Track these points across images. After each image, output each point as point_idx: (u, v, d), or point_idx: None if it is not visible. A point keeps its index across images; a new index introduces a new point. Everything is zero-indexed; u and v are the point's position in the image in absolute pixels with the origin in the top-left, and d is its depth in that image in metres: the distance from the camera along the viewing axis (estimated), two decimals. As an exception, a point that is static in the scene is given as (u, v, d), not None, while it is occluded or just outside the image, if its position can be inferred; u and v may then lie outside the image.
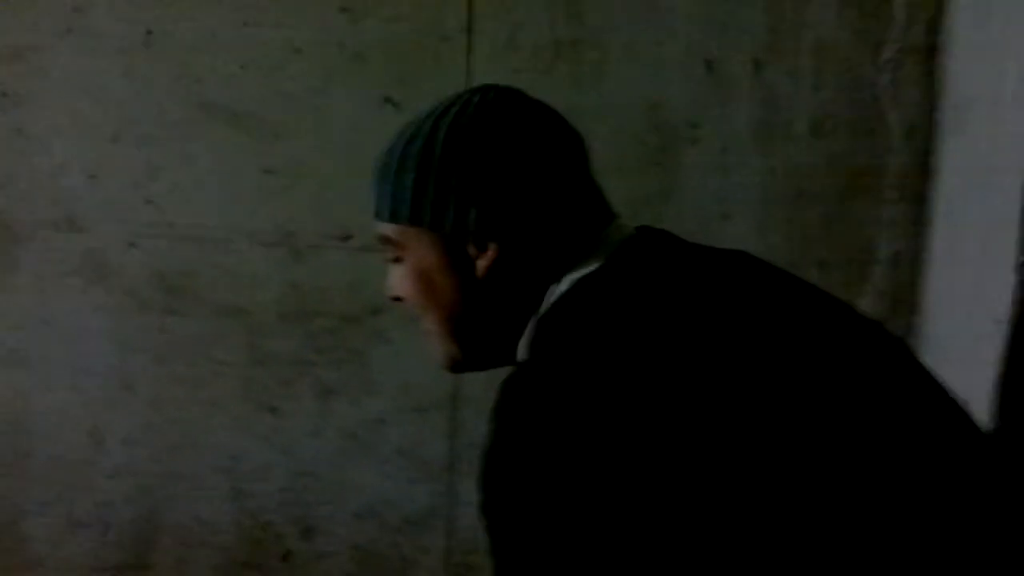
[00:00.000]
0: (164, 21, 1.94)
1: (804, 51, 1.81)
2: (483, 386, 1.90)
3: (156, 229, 2.00)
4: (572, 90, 1.85)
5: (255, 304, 1.99)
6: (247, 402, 2.00)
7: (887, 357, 0.89)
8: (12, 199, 2.02)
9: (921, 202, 1.81)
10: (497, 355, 1.01)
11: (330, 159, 1.94)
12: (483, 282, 0.95)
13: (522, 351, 0.97)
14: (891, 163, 1.81)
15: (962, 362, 1.51)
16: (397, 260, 1.00)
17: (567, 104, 1.82)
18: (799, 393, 0.81)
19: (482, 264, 0.95)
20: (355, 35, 1.91)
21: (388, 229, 0.99)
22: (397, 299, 1.01)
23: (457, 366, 1.02)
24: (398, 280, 1.00)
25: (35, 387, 2.04)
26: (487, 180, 0.93)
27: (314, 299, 1.97)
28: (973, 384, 1.38)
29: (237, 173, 1.96)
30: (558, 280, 0.94)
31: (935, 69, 1.79)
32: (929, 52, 1.79)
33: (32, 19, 1.97)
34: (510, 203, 0.93)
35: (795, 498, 0.76)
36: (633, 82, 1.84)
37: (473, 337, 0.99)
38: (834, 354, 0.86)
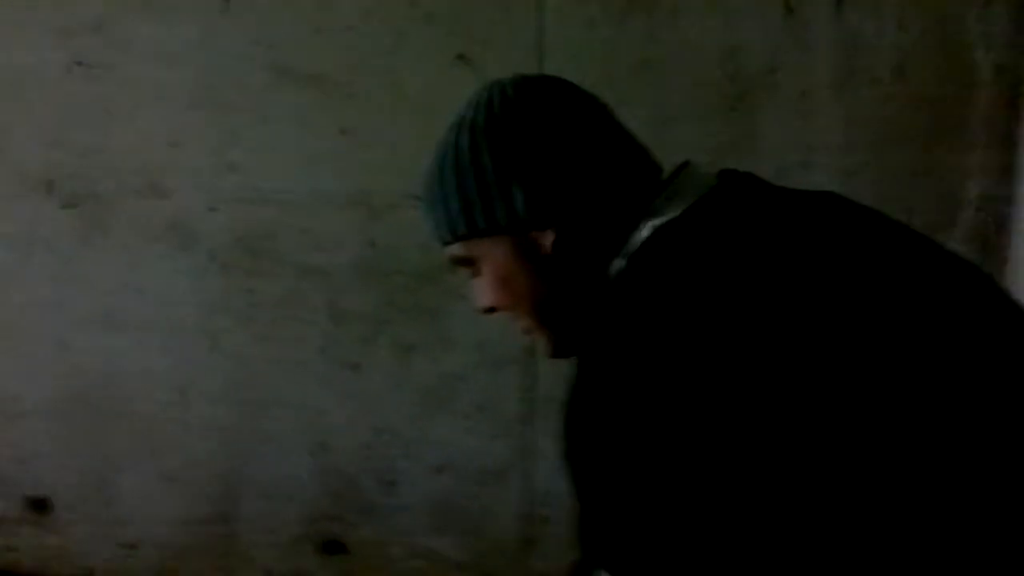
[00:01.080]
0: (240, -13, 1.98)
1: (886, -10, 1.75)
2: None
3: (237, 193, 2.04)
4: (647, 40, 1.83)
5: (334, 264, 2.02)
6: (328, 360, 2.04)
7: (981, 296, 0.87)
8: (99, 169, 2.09)
9: (1010, 145, 1.75)
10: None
11: (404, 118, 1.95)
12: (554, 260, 0.95)
13: (605, 300, 0.97)
14: (979, 105, 1.75)
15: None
16: (476, 274, 1.01)
17: (642, 54, 1.83)
18: (890, 336, 0.79)
19: (547, 244, 0.95)
20: (426, -7, 1.91)
21: (454, 249, 1.00)
22: (490, 310, 1.02)
23: (562, 350, 1.02)
24: (483, 292, 1.01)
25: (126, 348, 2.12)
26: (520, 162, 0.93)
27: (391, 258, 2.00)
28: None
29: (314, 135, 2.00)
30: (632, 233, 0.93)
31: (1025, 6, 1.71)
32: (1018, -12, 1.72)
33: (113, -10, 2.02)
34: (551, 174, 0.93)
35: (885, 447, 0.75)
36: (709, 29, 1.82)
37: (563, 316, 0.99)
38: (928, 296, 0.84)
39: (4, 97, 2.10)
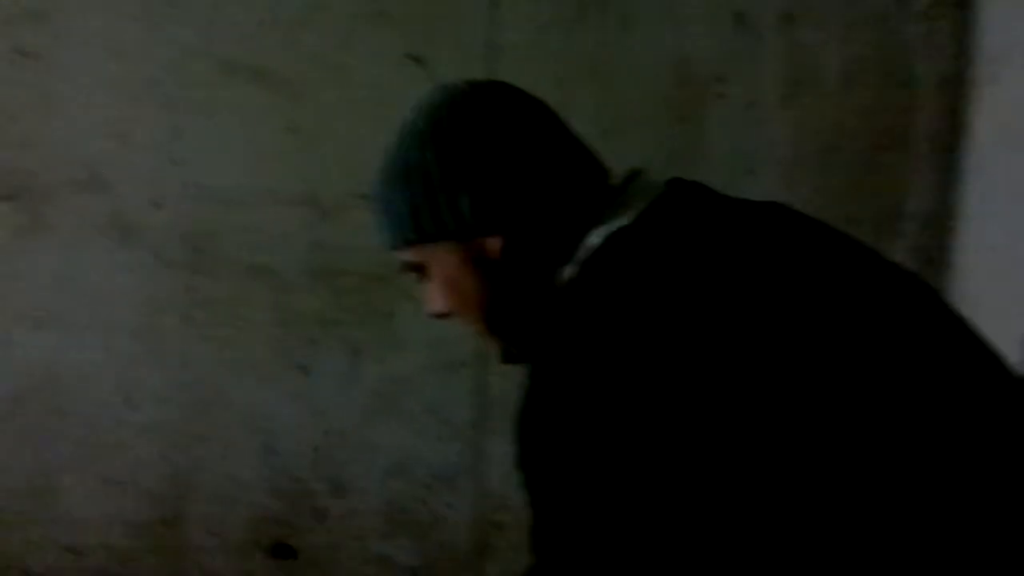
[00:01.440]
0: (186, -21, 1.93)
1: (833, 3, 1.79)
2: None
3: (181, 189, 2.01)
4: (598, 45, 1.84)
5: (281, 264, 2.00)
6: (276, 361, 2.03)
7: (922, 306, 0.89)
8: (38, 160, 2.03)
9: (953, 156, 1.79)
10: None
11: (354, 117, 1.94)
12: (502, 266, 0.96)
13: (557, 306, 0.97)
14: (922, 117, 1.79)
15: (995, 317, 1.50)
16: (425, 279, 1.01)
17: (593, 59, 1.84)
18: (831, 344, 0.81)
19: (494, 250, 0.95)
20: (378, -10, 1.89)
21: (404, 255, 1.01)
22: (440, 315, 1.03)
23: (511, 356, 1.03)
24: (432, 297, 1.01)
25: (65, 347, 2.07)
26: (467, 168, 0.94)
27: (340, 258, 1.99)
28: (1006, 339, 1.37)
29: (261, 132, 1.97)
30: (581, 241, 0.93)
31: (967, 20, 1.76)
32: (961, 3, 1.76)
33: (54, -22, 1.96)
34: (498, 180, 0.94)
35: (825, 450, 0.77)
36: (660, 37, 1.83)
37: (513, 322, 1.00)
38: (870, 305, 0.86)
39: (-61, 86, 2.03)
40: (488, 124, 0.95)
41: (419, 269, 1.01)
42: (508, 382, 1.96)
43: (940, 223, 1.81)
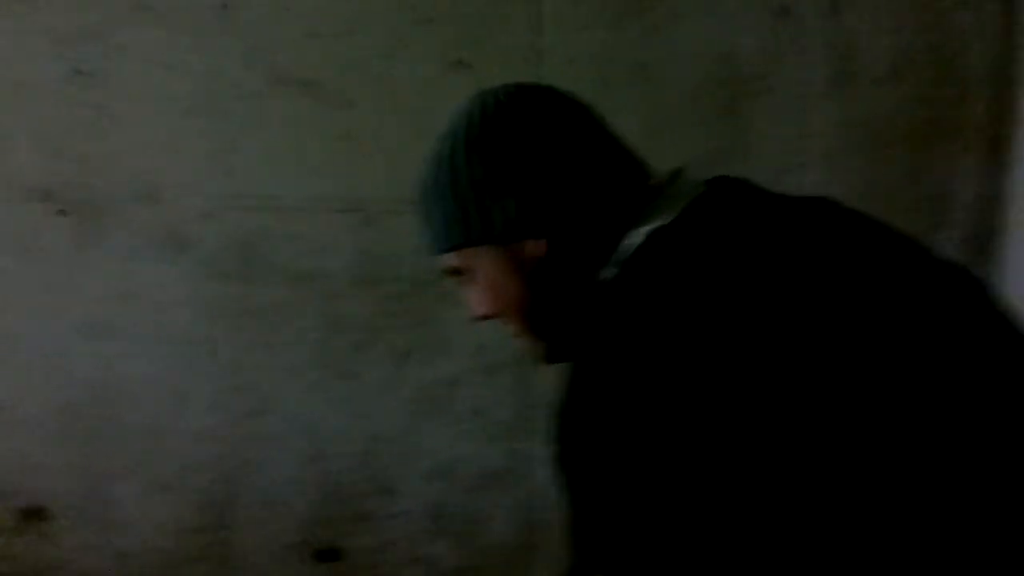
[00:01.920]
0: (236, -6, 1.99)
1: (881, -7, 1.77)
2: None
3: (232, 200, 2.05)
4: (642, 43, 1.86)
5: (328, 270, 2.03)
6: (323, 367, 2.05)
7: (969, 301, 0.88)
8: (95, 175, 2.10)
9: (1003, 147, 1.76)
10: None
11: (400, 124, 1.97)
12: (545, 268, 0.97)
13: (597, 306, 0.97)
14: (972, 107, 1.76)
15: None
16: (469, 282, 1.03)
17: (637, 58, 1.85)
18: (879, 343, 0.80)
19: (538, 252, 0.96)
20: (423, -1, 1.93)
21: (448, 259, 1.03)
22: (484, 317, 1.05)
23: (552, 356, 1.04)
24: (476, 300, 1.03)
25: (120, 356, 2.12)
26: (513, 172, 0.95)
27: (386, 264, 2.01)
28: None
29: (310, 141, 2.01)
30: (622, 241, 0.93)
31: (1017, 7, 1.73)
32: (1011, -10, 1.73)
33: (109, -2, 2.03)
34: (542, 185, 0.95)
35: (875, 453, 0.75)
36: (704, 33, 1.84)
37: (554, 324, 1.00)
38: (916, 300, 0.85)
39: (1, 105, 2.11)
40: (531, 128, 0.96)
41: (463, 273, 1.02)
42: (551, 384, 1.96)
43: (989, 212, 1.77)
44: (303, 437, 2.07)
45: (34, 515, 2.19)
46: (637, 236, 0.92)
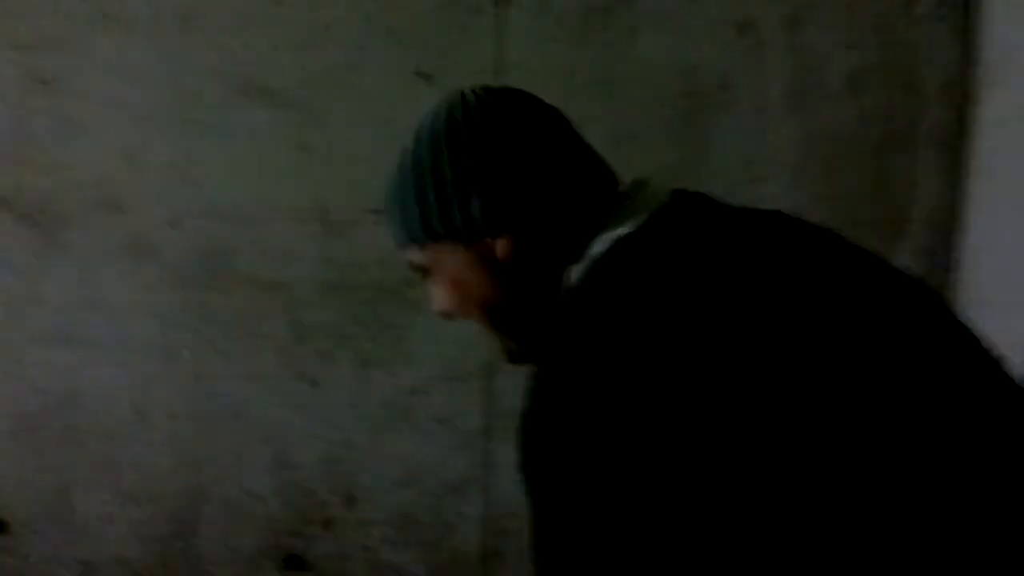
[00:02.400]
0: (199, 4, 2.01)
1: (837, 8, 1.81)
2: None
3: (196, 208, 2.05)
4: (604, 57, 1.88)
5: (293, 279, 2.04)
6: (287, 375, 2.06)
7: (927, 314, 0.90)
8: (57, 183, 2.09)
9: (958, 158, 1.80)
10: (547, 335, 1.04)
11: (363, 134, 1.98)
12: (509, 267, 0.98)
13: (560, 312, 0.99)
14: (927, 120, 1.80)
15: (1001, 317, 1.50)
16: (432, 278, 1.04)
17: (599, 72, 1.88)
18: (835, 352, 0.82)
19: (502, 251, 0.98)
20: (385, 10, 1.95)
21: (412, 254, 1.03)
22: (446, 315, 1.05)
23: (515, 356, 1.05)
24: (439, 297, 1.04)
25: (83, 364, 2.12)
26: (479, 170, 0.96)
27: (350, 273, 2.02)
28: (1012, 339, 1.37)
29: (273, 151, 2.02)
30: (586, 247, 0.95)
31: (971, 23, 1.77)
32: (965, 6, 1.78)
33: (70, 6, 2.04)
34: (509, 183, 0.96)
35: (826, 457, 0.77)
36: (665, 47, 1.87)
37: (517, 323, 1.02)
38: (873, 313, 0.87)
39: (-40, 113, 2.10)
40: (500, 128, 0.97)
41: (426, 268, 1.03)
42: (516, 393, 1.98)
43: (946, 225, 1.82)
44: (267, 445, 2.08)
45: (-5, 526, 2.19)
46: (602, 243, 0.94)
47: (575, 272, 0.96)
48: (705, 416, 0.77)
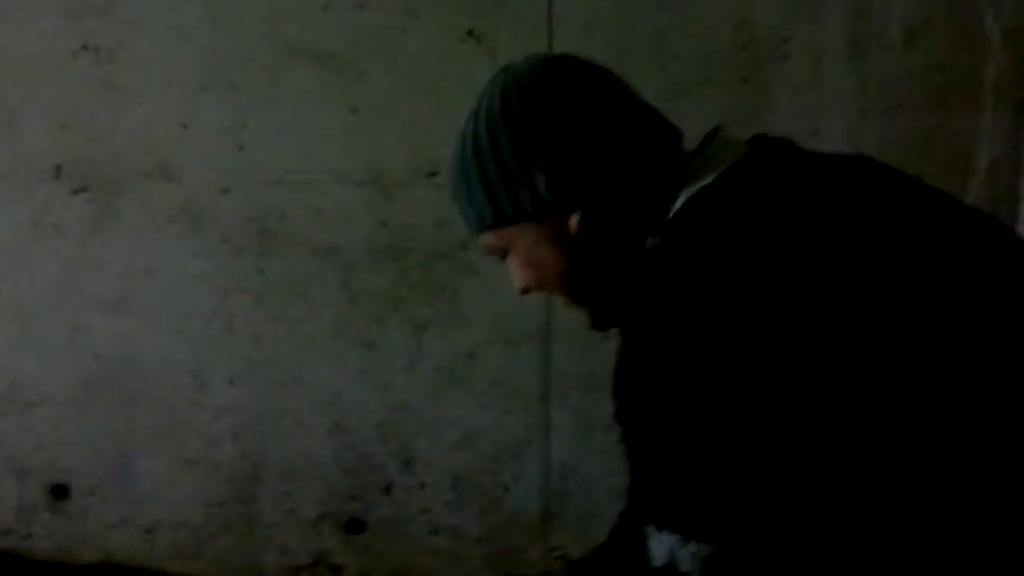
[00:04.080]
0: (248, -32, 2.04)
1: (896, -43, 1.82)
2: (573, 317, 1.97)
3: (247, 174, 2.11)
4: (657, 12, 1.90)
5: (347, 243, 2.09)
6: (343, 339, 2.12)
7: (1011, 250, 0.92)
8: (108, 151, 2.16)
9: (1020, 111, 1.81)
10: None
11: (415, 95, 2.02)
12: (583, 240, 1.00)
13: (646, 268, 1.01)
14: (989, 70, 1.81)
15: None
16: (509, 258, 1.06)
17: (652, 25, 1.89)
18: (927, 300, 0.84)
19: (575, 226, 0.99)
20: (435, -30, 1.97)
21: (486, 238, 1.05)
22: (525, 291, 1.08)
23: (600, 323, 1.08)
24: (517, 275, 1.06)
25: (140, 332, 2.19)
26: (540, 146, 0.98)
27: (404, 236, 2.07)
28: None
29: (324, 114, 2.07)
30: (667, 204, 0.97)
31: (1037, -30, 1.77)
32: (1030, -48, 1.78)
33: (119, -28, 2.08)
34: (572, 156, 0.98)
35: (922, 409, 0.80)
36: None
37: (598, 292, 1.04)
38: (965, 255, 0.89)
39: (12, 82, 2.17)
40: (555, 101, 0.98)
41: (501, 250, 1.05)
42: (571, 355, 2.03)
43: (1007, 175, 1.82)
44: (324, 410, 2.15)
45: (56, 492, 2.28)
46: (686, 195, 0.95)
47: (657, 230, 0.97)
48: (790, 367, 0.80)
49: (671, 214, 0.96)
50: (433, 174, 2.02)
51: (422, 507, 2.14)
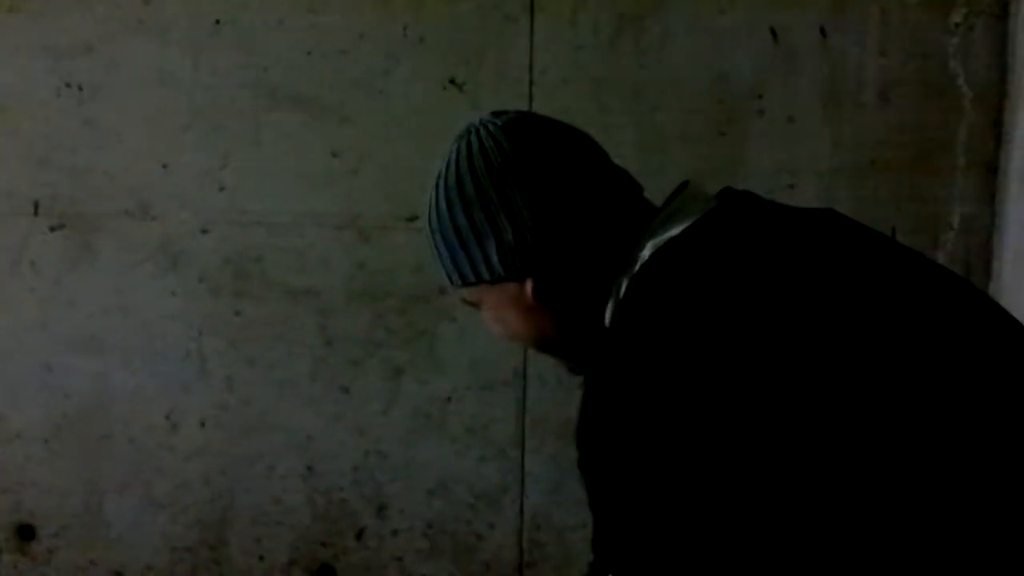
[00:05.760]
0: (231, 10, 2.10)
1: (870, 16, 1.89)
2: (551, 362, 2.01)
3: (227, 215, 2.15)
4: (636, 64, 1.96)
5: (324, 286, 2.13)
6: (318, 382, 2.14)
7: (978, 312, 0.94)
8: (88, 189, 2.19)
9: (993, 167, 1.88)
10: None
11: (395, 141, 2.07)
12: (542, 304, 1.04)
13: (610, 317, 1.04)
14: (962, 129, 1.87)
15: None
16: (480, 308, 1.11)
17: (631, 79, 1.96)
18: (891, 353, 0.86)
19: (528, 292, 1.03)
20: (418, 18, 2.04)
21: (459, 292, 1.11)
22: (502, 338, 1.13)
23: (575, 370, 1.11)
24: (490, 327, 1.11)
25: (113, 371, 2.21)
26: (489, 219, 1.01)
27: (382, 280, 2.10)
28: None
29: (305, 158, 2.11)
30: (633, 256, 0.99)
31: (1005, 31, 1.84)
32: (1000, 15, 1.85)
33: (103, 12, 2.14)
34: (522, 225, 1.00)
35: (887, 459, 0.82)
36: (697, 54, 1.94)
37: (569, 346, 1.08)
38: (927, 314, 0.91)
39: (-8, 118, 2.20)
40: (507, 172, 1.01)
41: (473, 304, 1.10)
42: (547, 402, 2.07)
43: (980, 233, 1.88)
44: (297, 453, 2.16)
45: (24, 533, 2.28)
46: (651, 247, 0.98)
47: (622, 281, 1.00)
48: (752, 420, 0.83)
49: (638, 264, 0.99)
50: (411, 219, 2.07)
51: (395, 554, 2.15)
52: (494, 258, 1.02)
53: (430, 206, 1.06)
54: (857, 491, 0.82)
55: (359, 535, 2.17)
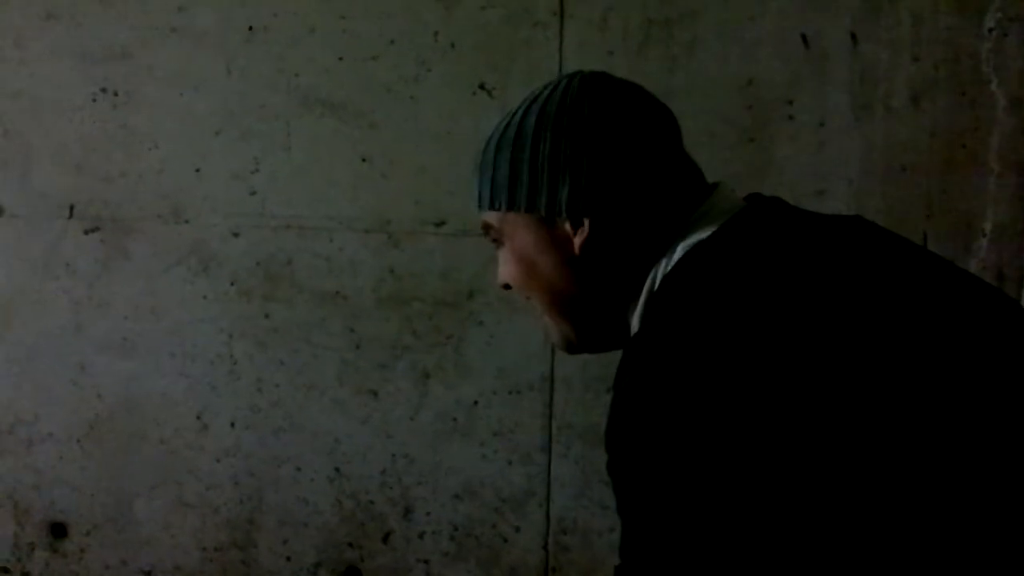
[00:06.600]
0: (264, 17, 2.14)
1: (902, 22, 1.89)
2: (578, 367, 2.03)
3: (258, 219, 2.18)
4: (665, 70, 1.97)
5: (353, 290, 2.15)
6: (346, 386, 2.17)
7: (1012, 323, 0.95)
8: (121, 193, 2.23)
9: (1025, 173, 1.87)
10: (610, 332, 1.10)
11: (425, 146, 2.09)
12: (582, 259, 1.05)
13: (636, 321, 1.06)
14: (994, 134, 1.87)
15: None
16: (500, 245, 1.11)
17: (660, 85, 1.97)
18: (918, 368, 0.87)
19: (578, 241, 1.04)
20: (448, 24, 2.06)
21: (488, 217, 1.10)
22: (506, 287, 1.13)
23: (572, 347, 1.13)
24: (505, 269, 1.11)
25: (145, 374, 2.25)
26: (576, 157, 1.03)
27: (410, 284, 2.13)
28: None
29: (335, 163, 2.14)
30: (666, 252, 1.02)
31: (1041, 36, 1.84)
32: (1033, 19, 1.85)
33: (137, 19, 2.19)
34: (600, 178, 1.02)
35: (908, 471, 0.83)
36: (727, 60, 1.95)
37: (583, 315, 1.09)
38: (956, 321, 0.92)
39: (27, 123, 2.25)
40: (605, 119, 1.03)
41: (498, 235, 1.10)
42: (574, 406, 2.09)
43: (1013, 241, 1.88)
44: (325, 456, 2.19)
45: (55, 531, 2.33)
46: (677, 251, 1.01)
47: (650, 277, 1.03)
48: (778, 426, 0.84)
49: (668, 264, 1.01)
50: (441, 223, 2.10)
51: (421, 557, 2.18)
52: (563, 193, 1.03)
53: (513, 121, 1.07)
54: (892, 502, 0.83)
55: (386, 538, 2.19)
